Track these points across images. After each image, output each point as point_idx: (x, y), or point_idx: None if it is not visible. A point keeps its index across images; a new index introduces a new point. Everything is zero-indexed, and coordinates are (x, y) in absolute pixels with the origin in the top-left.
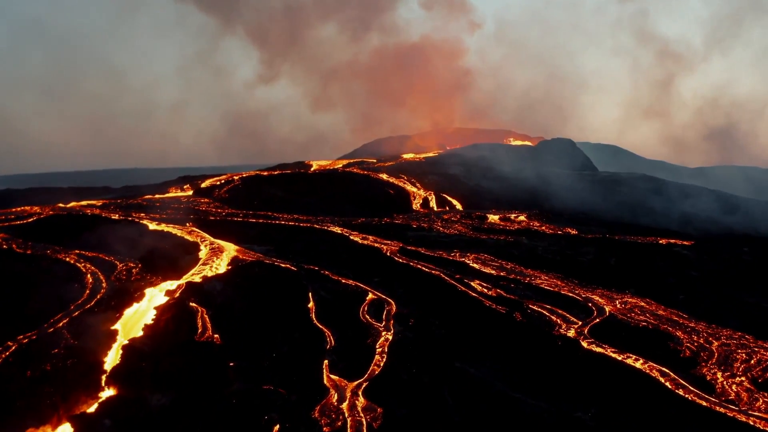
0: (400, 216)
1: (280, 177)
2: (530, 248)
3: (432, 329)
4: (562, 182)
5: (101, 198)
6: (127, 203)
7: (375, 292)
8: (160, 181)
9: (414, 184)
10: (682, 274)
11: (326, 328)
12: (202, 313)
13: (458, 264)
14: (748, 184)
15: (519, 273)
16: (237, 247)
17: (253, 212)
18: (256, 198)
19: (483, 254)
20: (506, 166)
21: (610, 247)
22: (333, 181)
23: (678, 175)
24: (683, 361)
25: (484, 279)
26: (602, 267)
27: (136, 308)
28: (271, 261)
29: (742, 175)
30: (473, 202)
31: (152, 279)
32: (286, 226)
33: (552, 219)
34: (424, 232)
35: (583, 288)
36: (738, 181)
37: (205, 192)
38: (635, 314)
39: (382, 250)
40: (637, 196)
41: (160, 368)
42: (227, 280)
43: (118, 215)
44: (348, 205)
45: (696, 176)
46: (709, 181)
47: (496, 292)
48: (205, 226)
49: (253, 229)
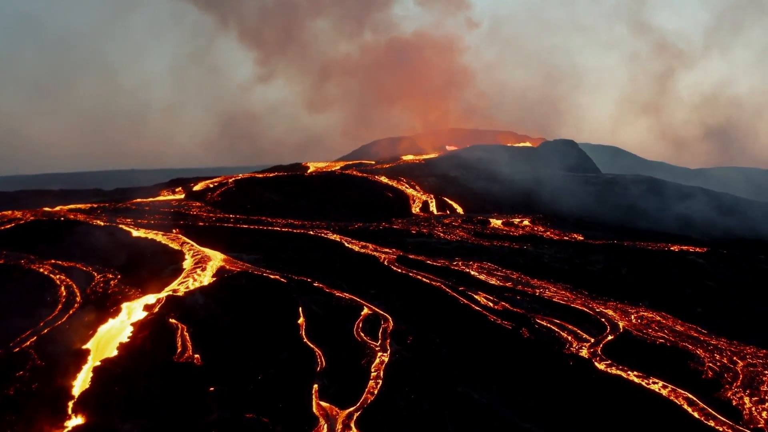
0: (399, 220)
1: (275, 179)
2: (536, 256)
3: (432, 348)
4: (566, 185)
5: (91, 201)
6: (116, 207)
7: (371, 306)
8: (156, 182)
9: (413, 186)
10: (699, 284)
11: (317, 347)
12: (183, 331)
13: (460, 274)
14: (750, 185)
15: (525, 284)
16: (224, 256)
17: (245, 217)
18: (249, 201)
19: (486, 263)
20: (508, 168)
21: (620, 255)
22: (329, 184)
23: (678, 176)
24: (706, 384)
25: (488, 290)
26: (613, 277)
27: (111, 325)
28: (260, 272)
29: (743, 176)
30: (474, 206)
31: (131, 292)
32: (278, 233)
33: (557, 223)
34: (423, 238)
35: (594, 300)
36: (739, 183)
37: (198, 195)
38: (651, 330)
39: (379, 259)
40: (643, 200)
41: (134, 393)
42: (211, 293)
43: (102, 221)
44: (345, 209)
45: (696, 177)
46: (710, 183)
47: (501, 305)
48: (192, 232)
49: (243, 235)
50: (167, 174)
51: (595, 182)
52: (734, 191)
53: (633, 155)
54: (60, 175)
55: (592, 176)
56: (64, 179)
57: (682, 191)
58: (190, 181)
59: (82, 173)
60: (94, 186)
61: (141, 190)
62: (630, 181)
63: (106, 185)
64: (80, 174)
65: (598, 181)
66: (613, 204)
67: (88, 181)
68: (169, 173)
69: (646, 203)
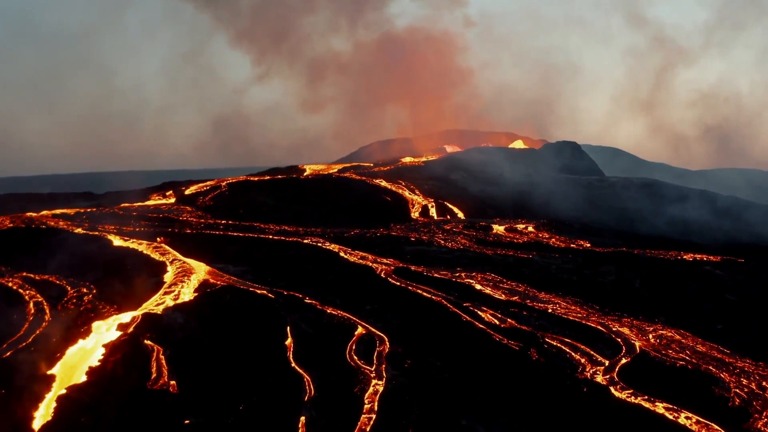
0: (397, 226)
1: (270, 183)
2: (543, 266)
3: (432, 373)
4: (570, 189)
5: (78, 206)
6: (102, 213)
7: (365, 324)
8: (150, 184)
9: (413, 190)
10: (717, 298)
11: (305, 371)
12: (158, 354)
13: (462, 287)
14: (750, 187)
15: (532, 297)
16: (209, 268)
17: (237, 222)
18: (242, 206)
19: (490, 274)
20: (509, 171)
21: (631, 265)
22: (326, 188)
23: (679, 177)
24: (733, 413)
25: (492, 305)
26: (626, 290)
27: (81, 346)
28: (246, 286)
29: (744, 178)
30: (476, 210)
31: (105, 309)
32: (269, 241)
33: (562, 230)
34: (423, 246)
35: (606, 316)
36: (741, 185)
37: (189, 199)
38: (671, 351)
39: (375, 271)
40: (650, 204)
41: (102, 425)
42: (191, 310)
43: (84, 228)
44: (341, 214)
45: (697, 179)
46: (711, 184)
47: (508, 323)
48: (177, 241)
49: (232, 244)
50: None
51: (600, 186)
52: (737, 193)
53: (632, 156)
54: (56, 176)
55: (596, 179)
56: (58, 181)
57: (691, 196)
58: (182, 184)
59: (77, 174)
60: (85, 189)
61: (131, 193)
62: (636, 184)
63: (99, 187)
64: (75, 175)
65: (603, 185)
66: (620, 209)
67: (81, 183)
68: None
69: (654, 208)
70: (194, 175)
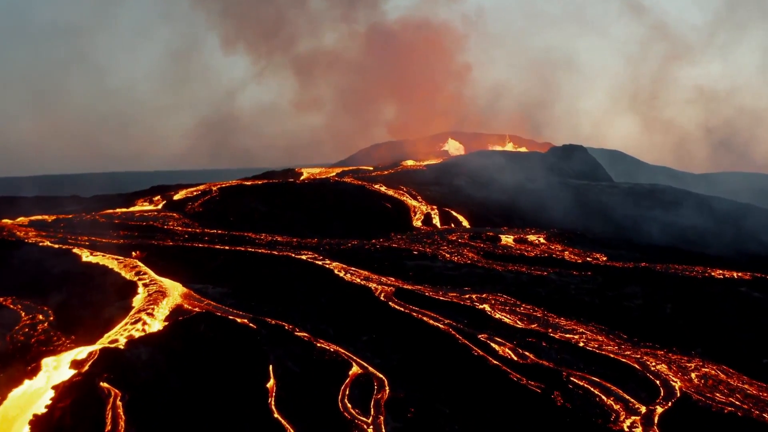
0: (398, 236)
1: (264, 188)
2: (561, 286)
3: (440, 423)
4: (580, 196)
5: (60, 211)
6: (81, 220)
7: (361, 361)
8: (146, 184)
9: (415, 197)
10: (757, 325)
11: (289, 422)
12: (116, 399)
13: (472, 312)
14: (754, 192)
15: (551, 324)
16: (184, 290)
17: (225, 232)
18: (232, 213)
19: (502, 295)
20: (516, 175)
21: (657, 285)
22: (323, 193)
23: (683, 181)
24: None
25: (507, 335)
26: (656, 316)
27: (27, 387)
28: (225, 313)
29: (748, 182)
30: (481, 218)
31: (60, 341)
32: (256, 256)
33: (575, 241)
34: (427, 260)
35: (636, 347)
36: (746, 189)
37: (177, 205)
38: (717, 393)
39: (374, 292)
40: (665, 212)
41: None
42: (159, 344)
43: (55, 239)
44: (339, 222)
45: (701, 183)
46: (717, 189)
47: (525, 357)
48: (155, 255)
49: (215, 259)
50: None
51: (611, 193)
52: (740, 198)
53: (636, 160)
54: (47, 177)
55: (606, 186)
56: (50, 182)
57: (705, 203)
58: (171, 189)
59: (69, 176)
60: (77, 190)
61: (118, 198)
62: (647, 191)
63: (90, 190)
64: (68, 176)
65: (614, 192)
66: (633, 217)
67: (74, 184)
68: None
69: (670, 216)
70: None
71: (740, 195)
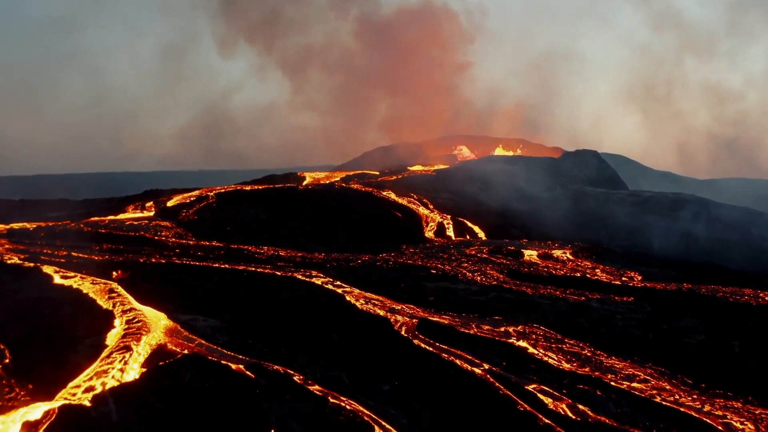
0: (410, 249)
1: (264, 194)
2: (605, 316)
3: None
4: (600, 205)
5: (44, 217)
6: (64, 229)
7: (384, 423)
8: (141, 185)
9: (426, 205)
10: None
11: None
12: None
13: (509, 349)
14: (759, 198)
15: (603, 367)
16: (170, 323)
17: (222, 245)
18: (230, 221)
19: (539, 326)
20: (530, 182)
21: (715, 315)
22: (328, 200)
23: (687, 187)
24: None
25: (553, 380)
26: (723, 355)
27: None
28: (217, 355)
29: (753, 188)
30: (498, 229)
31: (14, 392)
32: (255, 276)
33: (603, 256)
34: (447, 281)
35: (707, 396)
36: (751, 196)
37: (170, 212)
38: None
39: (392, 324)
40: (692, 225)
41: None
42: (133, 399)
43: (27, 255)
44: (345, 233)
45: (706, 188)
46: (722, 195)
47: (581, 413)
48: (139, 275)
49: (207, 280)
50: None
51: (634, 202)
52: (746, 204)
53: (640, 164)
54: (39, 177)
55: (627, 194)
56: (42, 182)
57: (737, 214)
58: (165, 194)
59: (60, 176)
60: (64, 193)
61: (108, 203)
62: (672, 200)
63: (81, 191)
64: (60, 177)
65: (636, 201)
66: (660, 230)
67: (66, 185)
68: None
69: (698, 229)
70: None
71: (744, 201)
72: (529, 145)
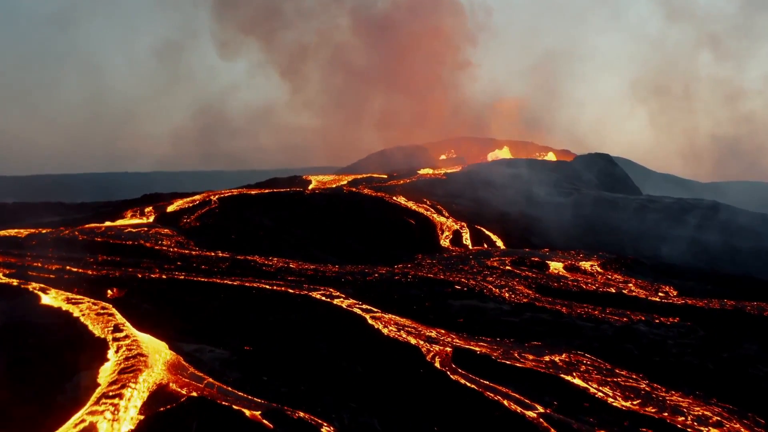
0: (427, 259)
1: (269, 199)
2: (655, 342)
3: None
4: (620, 212)
5: (38, 223)
6: (58, 237)
7: None
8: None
9: (440, 211)
10: None
11: None
12: None
13: (559, 385)
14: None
15: (665, 404)
16: (172, 354)
17: (226, 255)
18: (234, 229)
19: (584, 354)
20: (545, 187)
21: None
22: (336, 206)
23: (691, 190)
24: None
25: (611, 421)
26: None
27: None
28: (228, 399)
29: (757, 191)
30: (516, 238)
31: None
32: (264, 294)
33: (633, 269)
34: (475, 298)
35: None
36: (755, 199)
37: (171, 219)
38: None
39: (424, 355)
40: (719, 233)
41: None
42: None
43: (13, 269)
44: (357, 242)
45: (710, 192)
46: (728, 198)
47: None
48: (137, 294)
49: (213, 299)
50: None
51: (656, 209)
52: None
53: (642, 167)
54: (35, 177)
55: (646, 200)
56: (38, 183)
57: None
58: (165, 198)
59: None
60: (61, 194)
61: (106, 207)
62: (693, 206)
63: (78, 193)
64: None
65: (658, 207)
66: (685, 239)
67: (62, 186)
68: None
69: (725, 237)
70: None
71: (750, 205)
72: (536, 147)
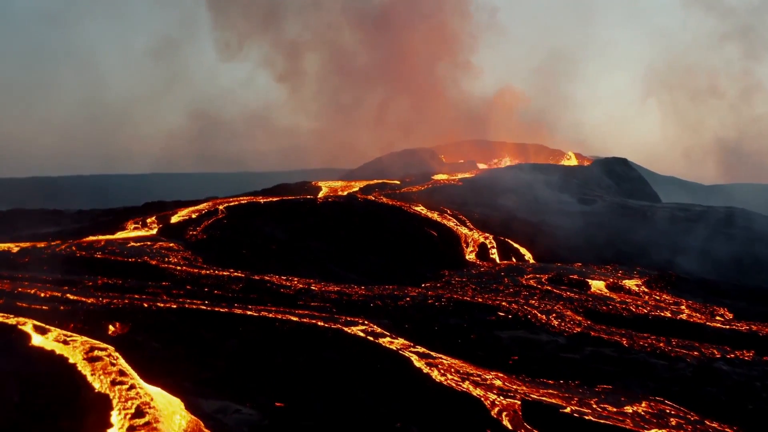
0: (455, 277)
1: (280, 208)
2: (741, 384)
3: None
4: (648, 222)
5: (31, 236)
6: (54, 253)
7: None
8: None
9: (464, 222)
10: None
11: None
12: None
13: None
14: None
15: None
16: (189, 419)
17: (240, 274)
18: (244, 243)
19: (665, 401)
20: (565, 193)
21: None
22: (352, 216)
23: (693, 192)
24: None
25: None
26: None
27: None
28: None
29: (763, 193)
30: (545, 250)
31: None
32: (290, 327)
33: (679, 287)
34: (524, 328)
35: None
36: (762, 201)
37: (176, 230)
38: None
39: (487, 408)
40: (759, 244)
41: None
42: None
43: (1, 300)
44: (376, 256)
45: (713, 194)
46: (733, 201)
47: None
48: (142, 330)
49: (232, 334)
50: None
51: (685, 218)
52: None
53: (645, 169)
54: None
55: (675, 207)
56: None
57: None
58: (168, 207)
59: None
60: (57, 198)
61: (106, 216)
62: (725, 215)
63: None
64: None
65: (690, 217)
66: (724, 252)
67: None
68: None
69: (762, 249)
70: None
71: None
72: (546, 150)
